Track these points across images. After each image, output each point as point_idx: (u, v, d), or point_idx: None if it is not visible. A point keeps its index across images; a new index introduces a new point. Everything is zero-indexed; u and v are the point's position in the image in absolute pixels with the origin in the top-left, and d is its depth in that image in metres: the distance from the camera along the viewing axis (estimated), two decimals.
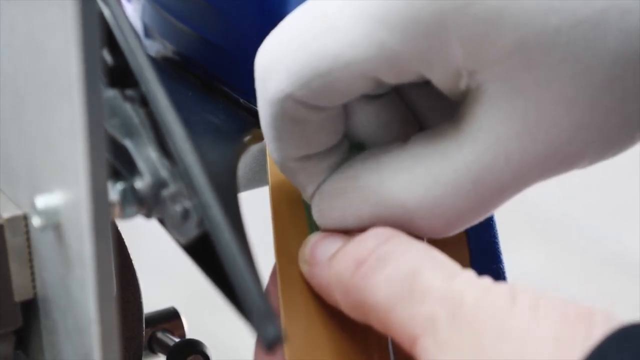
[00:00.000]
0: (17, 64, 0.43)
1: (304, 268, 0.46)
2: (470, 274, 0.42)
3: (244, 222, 0.44)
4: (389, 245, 0.43)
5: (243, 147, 0.49)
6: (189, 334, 0.60)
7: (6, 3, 0.42)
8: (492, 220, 0.51)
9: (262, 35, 0.49)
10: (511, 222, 1.95)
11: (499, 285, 0.42)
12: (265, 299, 0.40)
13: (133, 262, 0.53)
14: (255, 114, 0.50)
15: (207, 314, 1.31)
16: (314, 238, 0.46)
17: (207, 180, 0.41)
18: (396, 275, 0.42)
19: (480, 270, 0.45)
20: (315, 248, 0.46)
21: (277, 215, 0.47)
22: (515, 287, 0.41)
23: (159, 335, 0.59)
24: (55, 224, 0.41)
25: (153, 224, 0.45)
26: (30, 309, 0.46)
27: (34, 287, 0.46)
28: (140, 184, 0.42)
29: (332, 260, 0.45)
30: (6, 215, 0.45)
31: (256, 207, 0.49)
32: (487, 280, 0.42)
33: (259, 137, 0.50)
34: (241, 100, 0.51)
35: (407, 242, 0.44)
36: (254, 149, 0.50)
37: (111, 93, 0.44)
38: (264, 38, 0.47)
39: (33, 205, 0.42)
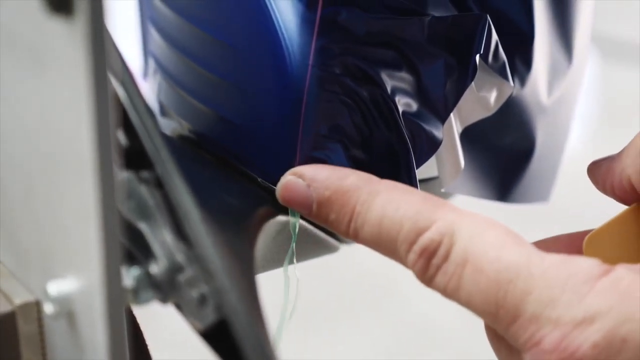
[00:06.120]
0: (29, 144, 0.42)
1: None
2: None
3: (263, 306, 0.43)
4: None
5: (261, 228, 0.48)
6: None
7: (20, 82, 0.41)
8: None
9: (280, 113, 0.48)
10: (531, 225, 1.93)
11: None
12: None
13: (149, 347, 0.51)
14: (272, 193, 0.49)
15: None
16: None
17: (223, 264, 0.40)
18: None
19: None
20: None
21: None
22: None
23: None
24: (68, 312, 0.40)
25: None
26: None
27: None
28: (155, 268, 0.41)
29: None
30: (18, 301, 0.43)
31: (275, 289, 0.48)
32: None
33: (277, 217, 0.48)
34: (259, 179, 0.50)
35: None
36: (272, 229, 0.49)
37: (126, 175, 0.43)
38: (282, 116, 0.46)
39: (45, 292, 0.40)
